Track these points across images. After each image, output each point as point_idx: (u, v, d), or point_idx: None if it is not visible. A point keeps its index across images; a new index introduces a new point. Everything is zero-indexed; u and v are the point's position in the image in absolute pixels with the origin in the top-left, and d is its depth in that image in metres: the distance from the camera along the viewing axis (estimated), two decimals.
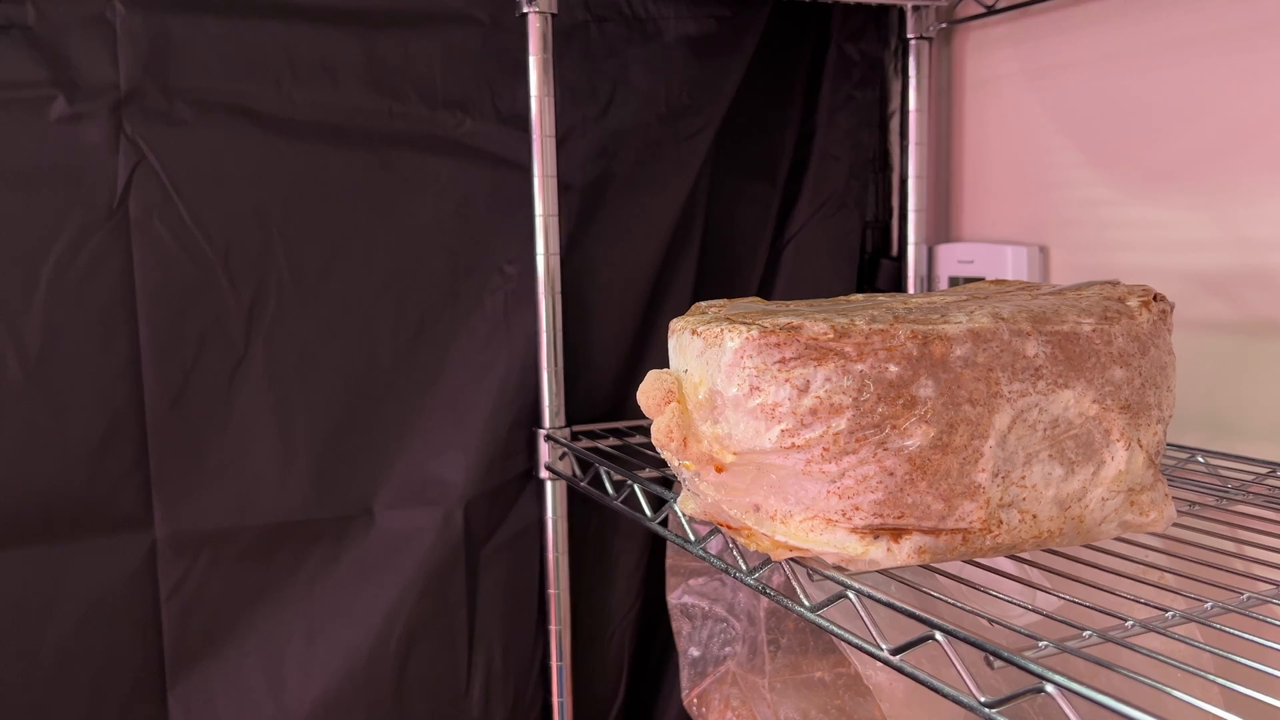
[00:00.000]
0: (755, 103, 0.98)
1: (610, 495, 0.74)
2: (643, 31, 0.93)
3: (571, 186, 0.91)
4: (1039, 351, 0.51)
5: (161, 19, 0.78)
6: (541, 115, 0.85)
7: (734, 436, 0.49)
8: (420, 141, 0.86)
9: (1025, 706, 0.60)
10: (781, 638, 0.84)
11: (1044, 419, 0.51)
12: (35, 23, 0.75)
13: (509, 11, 0.86)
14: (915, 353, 0.48)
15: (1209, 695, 0.39)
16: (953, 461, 0.49)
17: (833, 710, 0.80)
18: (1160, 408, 0.55)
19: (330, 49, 0.83)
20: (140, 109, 0.78)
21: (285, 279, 0.83)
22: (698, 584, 0.88)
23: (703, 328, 0.51)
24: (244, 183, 0.81)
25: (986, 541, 0.51)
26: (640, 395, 0.54)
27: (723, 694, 0.86)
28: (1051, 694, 0.40)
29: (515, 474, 0.91)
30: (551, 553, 0.91)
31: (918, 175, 1.02)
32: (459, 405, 0.89)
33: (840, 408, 0.47)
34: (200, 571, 0.82)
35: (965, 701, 0.43)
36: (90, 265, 0.77)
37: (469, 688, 0.91)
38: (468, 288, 0.89)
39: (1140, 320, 0.54)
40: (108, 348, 0.78)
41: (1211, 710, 0.37)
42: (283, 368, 0.83)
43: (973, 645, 0.43)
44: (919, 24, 1.00)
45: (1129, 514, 0.54)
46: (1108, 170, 0.87)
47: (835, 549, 0.49)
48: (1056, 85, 0.92)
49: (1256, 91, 0.75)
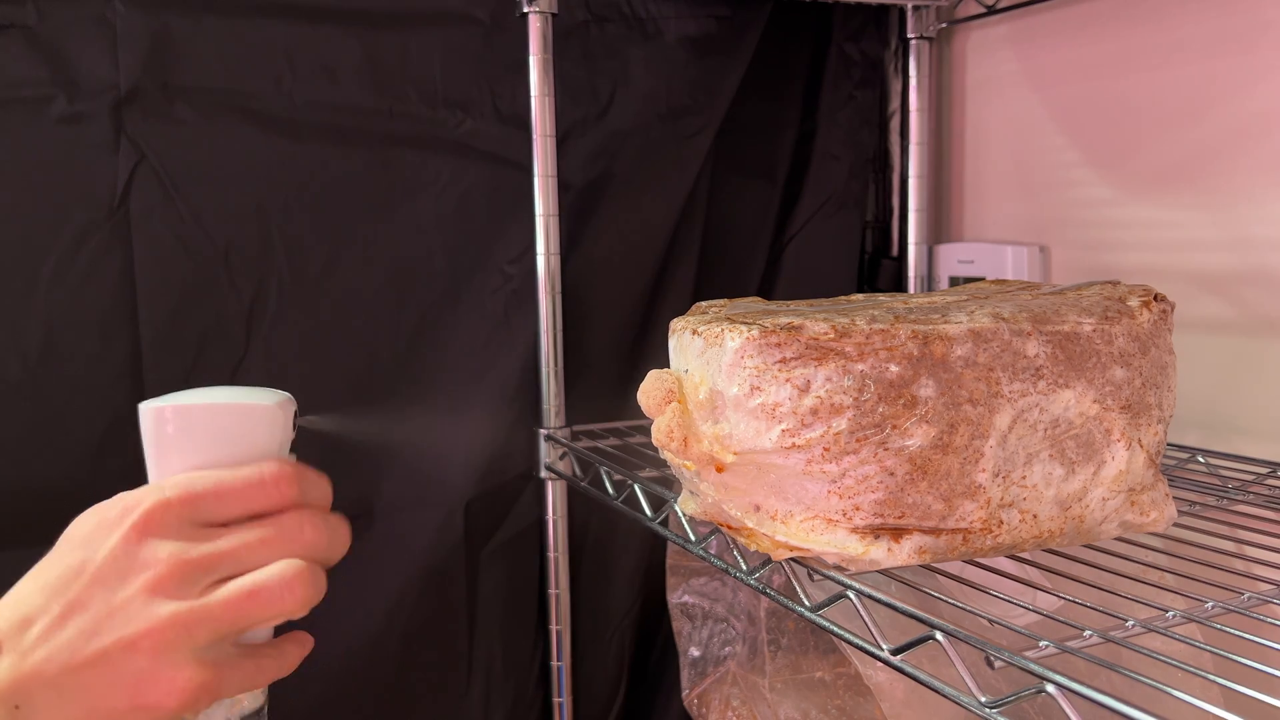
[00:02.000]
0: (755, 103, 0.98)
1: (610, 495, 0.74)
2: (643, 31, 0.93)
3: (571, 186, 0.91)
4: (1040, 351, 0.51)
5: (161, 19, 0.78)
6: (541, 115, 0.85)
7: (734, 436, 0.49)
8: (420, 141, 0.86)
9: (1025, 706, 0.60)
10: (782, 638, 0.84)
11: (1044, 419, 0.51)
12: (35, 22, 0.75)
13: (509, 11, 0.86)
14: (916, 353, 0.48)
15: (1209, 695, 0.39)
16: (953, 461, 0.49)
17: (833, 710, 0.80)
18: (1161, 408, 0.55)
19: (330, 49, 0.83)
20: (140, 109, 0.78)
21: (285, 278, 0.83)
22: (698, 584, 0.88)
23: (703, 327, 0.51)
24: (244, 182, 0.81)
25: (987, 541, 0.51)
26: (641, 395, 0.54)
27: (723, 694, 0.86)
28: (1052, 694, 0.40)
29: (515, 474, 0.91)
30: (551, 553, 0.91)
31: (918, 175, 1.02)
32: (459, 405, 0.88)
33: (841, 408, 0.47)
34: None
35: (965, 701, 0.43)
36: (90, 264, 0.77)
37: (469, 688, 0.91)
38: (468, 288, 0.89)
39: (1141, 320, 0.54)
40: (108, 347, 0.78)
41: (1212, 710, 0.37)
42: (283, 367, 0.83)
43: (973, 645, 0.43)
44: (919, 24, 1.00)
45: (1129, 514, 0.54)
46: (1108, 170, 0.87)
47: (836, 549, 0.49)
48: (1057, 85, 0.92)
49: (1256, 92, 0.75)
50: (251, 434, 0.49)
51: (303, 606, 0.47)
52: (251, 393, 0.51)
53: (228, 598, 0.45)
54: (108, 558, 0.45)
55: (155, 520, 0.45)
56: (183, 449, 0.48)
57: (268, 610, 0.46)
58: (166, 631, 0.43)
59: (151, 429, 0.49)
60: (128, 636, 0.43)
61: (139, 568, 0.44)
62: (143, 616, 0.43)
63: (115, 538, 0.45)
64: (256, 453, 0.49)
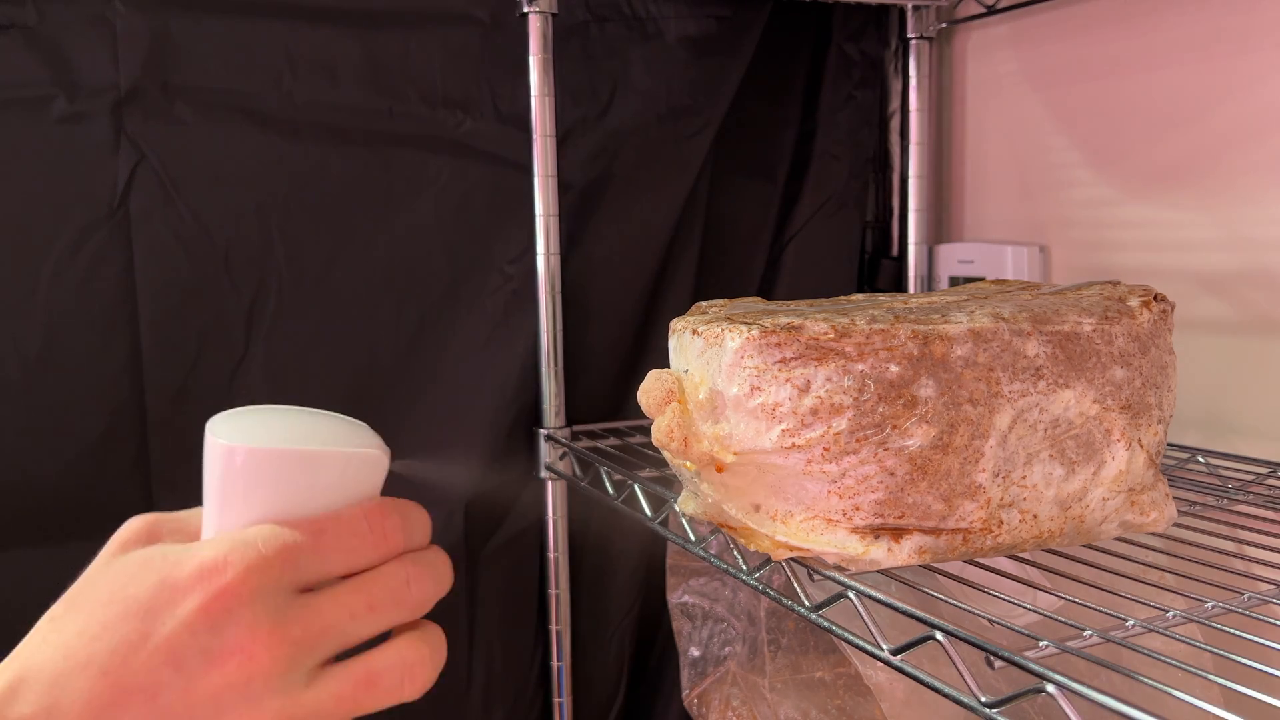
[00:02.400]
0: (755, 103, 0.98)
1: (610, 495, 0.74)
2: (643, 31, 0.93)
3: (571, 186, 0.91)
4: (1040, 351, 0.51)
5: (162, 19, 0.78)
6: (541, 115, 0.85)
7: (734, 436, 0.49)
8: (420, 141, 0.86)
9: (1026, 706, 0.60)
10: (782, 638, 0.84)
11: (1044, 419, 0.51)
12: (36, 23, 0.75)
13: (509, 11, 0.86)
14: (916, 352, 0.48)
15: (1209, 695, 0.39)
16: (953, 461, 0.49)
17: (833, 710, 0.80)
18: (1161, 408, 0.55)
19: (330, 49, 0.83)
20: (140, 109, 0.78)
21: (285, 278, 0.83)
22: (698, 584, 0.88)
23: (703, 327, 0.51)
24: (244, 182, 0.81)
25: (987, 541, 0.51)
26: (641, 395, 0.54)
27: (723, 694, 0.86)
28: (1052, 694, 0.39)
29: (515, 474, 0.91)
30: (551, 553, 0.91)
31: (918, 175, 1.02)
32: (459, 405, 0.88)
33: (841, 407, 0.47)
34: None
35: (965, 701, 0.42)
36: (91, 264, 0.77)
37: (469, 688, 0.91)
38: (468, 288, 0.89)
39: (1141, 320, 0.54)
40: (108, 347, 0.78)
41: (1212, 710, 0.37)
42: (283, 367, 0.83)
43: (973, 645, 0.43)
44: (919, 24, 1.00)
45: (1129, 514, 0.54)
46: (1108, 170, 0.87)
47: (836, 549, 0.49)
48: (1057, 85, 0.92)
49: (1256, 92, 0.75)
50: (354, 485, 0.41)
51: (419, 692, 0.40)
52: (342, 427, 0.43)
53: (341, 690, 0.37)
54: (182, 631, 0.35)
55: (249, 585, 0.36)
56: (268, 498, 0.39)
57: (386, 701, 0.39)
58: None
59: (234, 468, 0.39)
60: None
61: (230, 649, 0.35)
62: (238, 713, 0.35)
63: (192, 605, 0.35)
64: (349, 502, 0.41)
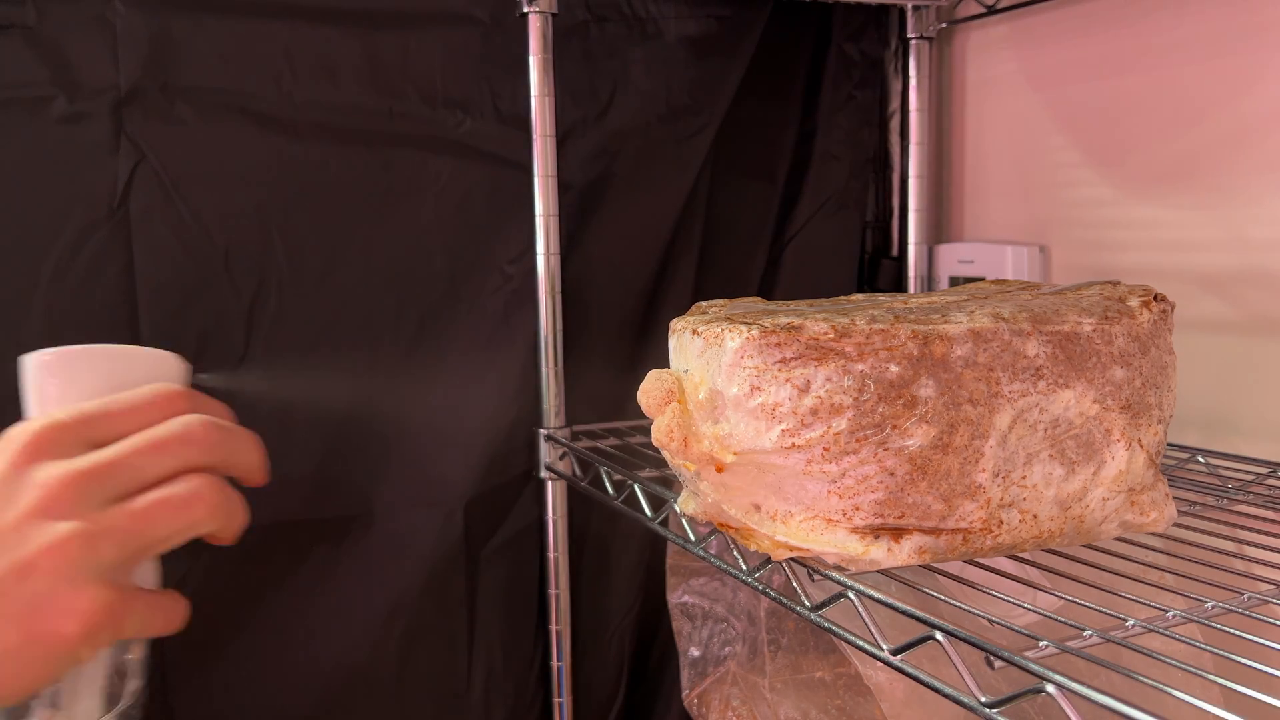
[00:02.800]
0: (755, 103, 0.98)
1: (610, 495, 0.74)
2: (643, 31, 0.93)
3: (571, 186, 0.91)
4: (1039, 351, 0.51)
5: (162, 19, 0.78)
6: (541, 115, 0.85)
7: (734, 436, 0.49)
8: (420, 141, 0.86)
9: (1026, 706, 0.60)
10: (782, 638, 0.84)
11: (1044, 419, 0.51)
12: (36, 23, 0.75)
13: (509, 11, 0.86)
14: (916, 353, 0.48)
15: (1209, 695, 0.39)
16: (953, 461, 0.49)
17: (833, 710, 0.80)
18: (1161, 408, 0.55)
19: (330, 49, 0.83)
20: (140, 109, 0.78)
21: (285, 278, 0.83)
22: (698, 584, 0.88)
23: (703, 327, 0.51)
24: (244, 182, 0.81)
25: (987, 541, 0.51)
26: (640, 395, 0.54)
27: (723, 694, 0.86)
28: (1052, 694, 0.40)
29: (515, 474, 0.91)
30: (551, 553, 0.91)
31: (918, 175, 1.02)
32: (459, 405, 0.88)
33: (841, 408, 0.47)
34: (200, 571, 0.81)
35: (965, 701, 0.43)
36: (91, 264, 0.77)
37: (469, 688, 0.91)
38: (468, 288, 0.89)
39: (1141, 320, 0.54)
40: None
41: (1212, 710, 0.37)
42: (283, 367, 0.83)
43: (973, 645, 0.43)
44: (919, 24, 1.00)
45: (1129, 514, 0.54)
46: (1108, 170, 0.87)
47: (835, 549, 0.49)
48: (1057, 85, 0.92)
49: (1256, 92, 0.75)
50: (143, 381, 0.46)
51: (212, 516, 0.44)
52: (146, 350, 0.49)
53: (134, 509, 0.42)
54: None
55: (46, 440, 0.42)
56: (67, 397, 0.45)
57: (177, 520, 0.43)
58: (67, 547, 0.39)
59: (36, 379, 0.46)
60: (21, 559, 0.39)
61: (30, 488, 0.40)
62: (38, 537, 0.39)
63: (2, 462, 0.41)
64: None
